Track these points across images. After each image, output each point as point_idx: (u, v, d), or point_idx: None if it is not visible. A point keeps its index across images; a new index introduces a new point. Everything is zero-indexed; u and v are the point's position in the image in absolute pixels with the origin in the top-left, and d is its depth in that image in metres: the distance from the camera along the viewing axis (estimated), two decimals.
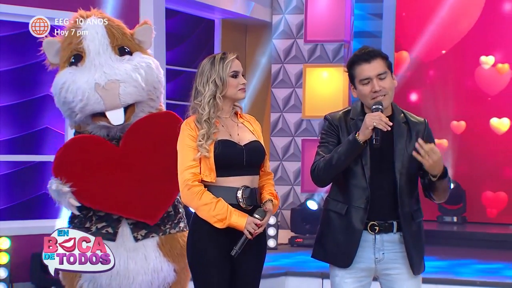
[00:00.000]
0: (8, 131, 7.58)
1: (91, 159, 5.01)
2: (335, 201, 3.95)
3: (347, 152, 3.79)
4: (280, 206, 10.21)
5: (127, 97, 4.96)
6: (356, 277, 3.92)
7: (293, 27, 10.44)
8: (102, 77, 4.95)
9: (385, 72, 3.87)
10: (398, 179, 3.86)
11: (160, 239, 5.02)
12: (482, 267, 8.36)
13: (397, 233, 3.91)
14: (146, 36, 5.32)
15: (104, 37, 5.11)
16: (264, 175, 4.16)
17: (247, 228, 3.94)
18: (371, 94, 3.86)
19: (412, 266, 3.92)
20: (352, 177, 3.88)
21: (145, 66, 5.10)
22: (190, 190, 3.97)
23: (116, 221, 5.01)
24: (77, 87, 4.95)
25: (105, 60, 5.03)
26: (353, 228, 3.87)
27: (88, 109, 4.95)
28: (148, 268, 4.98)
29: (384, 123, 3.72)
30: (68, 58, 5.11)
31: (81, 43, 5.08)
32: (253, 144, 4.10)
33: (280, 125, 10.45)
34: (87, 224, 5.00)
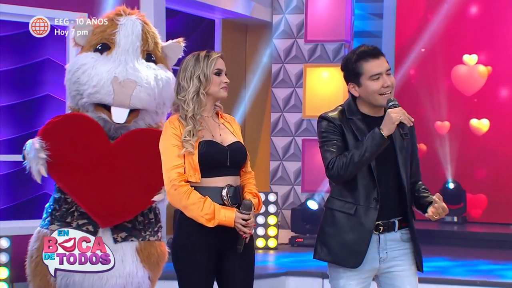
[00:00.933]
0: (8, 131, 7.57)
1: (81, 140, 4.98)
2: (342, 201, 3.92)
3: (372, 148, 3.76)
4: (281, 206, 10.21)
5: (137, 101, 4.95)
6: (361, 278, 3.91)
7: (293, 27, 10.44)
8: (123, 72, 4.96)
9: (390, 69, 3.91)
10: (403, 176, 3.88)
11: (139, 244, 4.98)
12: (482, 267, 8.36)
13: (398, 232, 3.92)
14: (175, 53, 5.34)
15: (138, 38, 5.11)
16: (244, 174, 4.16)
17: (237, 225, 3.94)
18: (380, 90, 3.85)
19: (418, 262, 3.95)
20: (360, 176, 3.86)
21: (165, 80, 5.10)
22: (177, 190, 3.95)
23: None
24: (95, 73, 4.95)
25: (131, 59, 5.04)
26: (364, 228, 3.85)
27: (96, 98, 4.95)
28: (124, 271, 4.92)
29: (408, 117, 3.75)
30: (96, 44, 5.10)
31: (114, 35, 5.08)
32: (236, 145, 4.10)
33: (281, 125, 10.44)
34: (68, 218, 4.97)
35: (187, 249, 3.99)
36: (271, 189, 10.20)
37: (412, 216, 3.95)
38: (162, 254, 5.11)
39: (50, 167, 4.88)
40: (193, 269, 3.98)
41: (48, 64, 7.55)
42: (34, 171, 4.88)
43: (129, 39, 5.08)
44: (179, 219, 4.05)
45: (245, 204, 3.98)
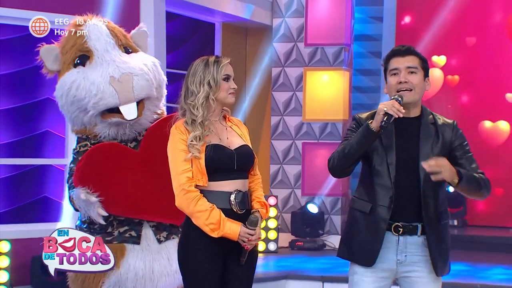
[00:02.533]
0: (8, 135, 7.58)
1: (114, 166, 4.99)
2: (361, 200, 3.95)
3: (359, 139, 3.80)
4: (281, 209, 10.20)
5: (140, 90, 4.98)
6: (377, 276, 3.91)
7: (293, 30, 10.44)
8: (116, 70, 4.97)
9: (416, 67, 3.90)
10: (423, 180, 3.85)
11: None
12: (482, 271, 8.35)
13: (421, 236, 3.91)
14: (143, 40, 5.38)
15: (109, 36, 5.14)
16: (251, 177, 4.15)
17: (241, 239, 3.95)
18: (396, 86, 3.87)
19: (435, 267, 3.93)
20: (377, 176, 3.88)
21: (152, 63, 5.15)
22: (186, 195, 3.95)
23: (138, 224, 5.01)
24: (90, 83, 4.94)
25: (115, 55, 5.05)
26: (377, 227, 3.86)
27: (102, 104, 4.94)
28: (171, 269, 5.00)
29: (395, 109, 3.72)
30: (73, 59, 5.09)
31: (86, 43, 5.08)
32: (243, 148, 4.09)
33: (281, 128, 10.45)
34: (108, 229, 4.98)
35: (193, 253, 4.00)
36: (271, 193, 10.20)
37: (435, 221, 3.93)
38: None
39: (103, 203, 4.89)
40: (198, 272, 3.99)
41: None
42: (95, 217, 4.87)
43: (102, 40, 5.10)
44: (185, 224, 4.06)
45: (251, 220, 3.97)
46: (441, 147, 3.90)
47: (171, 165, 4.04)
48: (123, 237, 4.97)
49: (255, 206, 4.07)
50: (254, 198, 4.11)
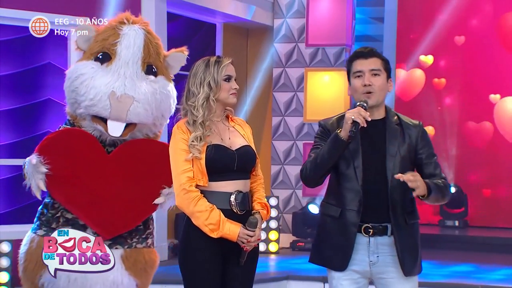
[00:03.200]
0: (9, 135, 7.58)
1: (79, 153, 4.97)
2: (330, 205, 3.98)
3: (329, 149, 3.83)
4: (282, 210, 10.20)
5: (134, 116, 4.93)
6: (352, 279, 3.94)
7: (294, 31, 10.44)
8: (121, 87, 4.91)
9: (379, 70, 3.94)
10: (390, 181, 3.87)
11: (124, 252, 4.93)
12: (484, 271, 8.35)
13: (392, 236, 3.92)
14: (178, 62, 5.28)
15: (139, 50, 5.04)
16: (253, 178, 4.15)
17: (240, 240, 3.94)
18: (361, 89, 3.92)
19: (403, 268, 3.91)
20: (345, 180, 3.91)
21: (164, 94, 5.06)
22: (186, 195, 3.95)
23: (82, 227, 4.91)
24: (92, 85, 4.92)
25: (130, 72, 4.98)
26: (347, 231, 3.89)
27: (93, 110, 4.93)
28: (108, 279, 4.87)
29: (362, 117, 3.75)
30: (97, 52, 5.05)
31: (115, 45, 5.02)
32: (244, 148, 4.08)
33: (282, 129, 10.44)
34: (53, 224, 4.94)
35: (192, 252, 4.00)
36: (272, 193, 10.20)
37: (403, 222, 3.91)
38: (151, 261, 5.06)
39: (48, 181, 4.87)
40: (197, 273, 3.99)
41: (49, 68, 7.55)
42: (33, 187, 4.86)
43: (130, 50, 5.03)
44: (185, 223, 4.06)
45: (250, 221, 3.97)
46: (407, 148, 3.93)
47: (172, 165, 4.04)
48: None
49: (256, 207, 4.07)
50: (255, 199, 4.10)
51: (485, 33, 11.46)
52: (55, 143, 4.97)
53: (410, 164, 3.94)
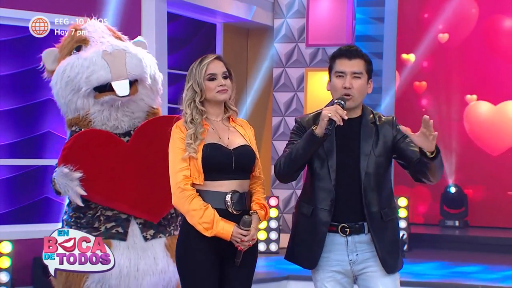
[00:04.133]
0: (9, 135, 7.58)
1: (100, 151, 5.01)
2: (303, 203, 4.00)
3: (304, 145, 3.81)
4: (282, 210, 10.20)
5: (133, 68, 5.00)
6: (336, 279, 3.95)
7: (294, 31, 10.44)
8: (109, 47, 5.02)
9: (360, 73, 3.93)
10: (363, 179, 3.87)
11: (167, 240, 5.03)
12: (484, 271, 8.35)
13: (369, 234, 3.92)
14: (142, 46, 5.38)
15: (106, 31, 5.18)
16: (253, 179, 4.14)
17: (233, 239, 3.94)
18: (341, 90, 3.91)
19: (384, 265, 3.91)
20: (318, 179, 3.91)
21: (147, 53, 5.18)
22: (182, 193, 3.96)
23: (125, 221, 5.00)
24: (83, 59, 5.00)
25: (109, 40, 5.10)
26: (318, 230, 3.90)
27: (94, 78, 4.96)
28: (157, 268, 4.98)
29: (339, 115, 3.73)
30: (69, 51, 5.13)
31: (82, 35, 5.13)
32: (243, 148, 4.07)
33: (282, 129, 10.45)
34: (95, 224, 4.97)
35: (189, 253, 4.00)
36: (273, 193, 10.20)
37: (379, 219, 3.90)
38: None
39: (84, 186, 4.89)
40: (196, 273, 3.99)
41: None
42: (72, 195, 4.88)
43: (98, 31, 5.16)
44: (183, 223, 4.06)
45: (244, 221, 3.95)
46: (383, 146, 3.93)
47: (169, 163, 4.05)
48: (110, 233, 4.95)
49: (253, 208, 4.06)
50: (254, 199, 4.09)
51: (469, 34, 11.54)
52: (75, 149, 4.99)
53: (386, 162, 3.93)
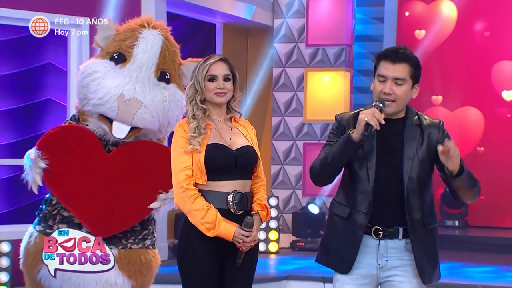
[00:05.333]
0: (9, 135, 7.58)
1: (78, 150, 4.99)
2: (340, 205, 3.84)
3: (340, 149, 3.69)
4: (282, 210, 10.20)
5: (140, 121, 4.94)
6: (357, 284, 3.80)
7: (294, 31, 10.44)
8: (130, 91, 4.91)
9: (403, 79, 3.72)
10: (406, 184, 3.73)
11: (119, 252, 4.93)
12: (483, 271, 8.35)
13: (403, 240, 3.77)
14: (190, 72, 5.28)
15: (155, 55, 5.03)
16: (255, 179, 4.13)
17: (235, 240, 3.93)
18: (380, 94, 3.72)
19: (423, 275, 3.76)
20: (356, 181, 3.77)
21: (173, 102, 5.05)
22: (184, 193, 3.95)
23: (77, 226, 4.93)
24: (103, 85, 4.92)
25: (142, 78, 4.97)
26: (354, 233, 3.76)
27: (100, 110, 4.94)
28: (101, 279, 4.87)
29: (376, 119, 3.59)
30: (113, 52, 5.05)
31: (132, 47, 5.01)
32: (245, 148, 4.07)
33: (282, 129, 10.44)
34: (50, 221, 4.97)
35: (191, 252, 4.00)
36: (272, 193, 10.19)
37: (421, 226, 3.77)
38: (148, 262, 5.03)
39: (46, 176, 4.90)
40: (197, 273, 3.98)
41: (49, 68, 7.55)
42: (30, 181, 4.90)
43: (146, 55, 5.01)
44: (184, 223, 4.05)
45: (246, 221, 3.95)
46: (426, 149, 3.77)
47: (172, 162, 4.04)
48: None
49: (255, 208, 4.05)
50: (255, 200, 4.08)
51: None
52: (54, 138, 5.00)
53: (429, 166, 3.78)
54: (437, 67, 11.54)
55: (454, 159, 3.56)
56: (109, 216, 4.92)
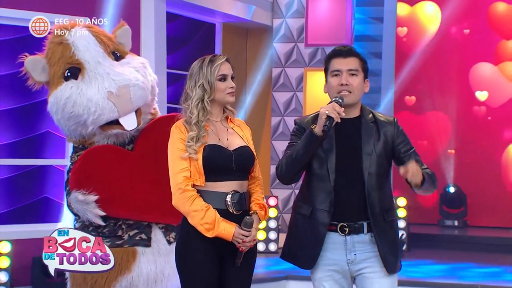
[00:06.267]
0: (9, 135, 7.58)
1: (109, 166, 4.99)
2: (301, 204, 4.00)
3: (304, 145, 3.83)
4: (281, 209, 10.20)
5: (138, 100, 4.97)
6: (334, 279, 3.96)
7: (293, 31, 10.44)
8: (112, 84, 4.93)
9: (357, 70, 3.95)
10: (366, 179, 3.88)
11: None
12: (483, 271, 8.35)
13: (368, 234, 3.92)
14: (126, 37, 5.30)
15: (96, 45, 5.05)
16: (252, 179, 4.15)
17: (235, 240, 3.95)
18: (337, 87, 3.93)
19: (386, 265, 3.92)
20: (317, 180, 3.91)
21: (142, 67, 5.11)
22: (182, 194, 3.96)
23: (147, 227, 5.01)
24: (87, 100, 4.89)
25: (108, 67, 4.99)
26: (317, 231, 3.90)
27: (103, 119, 4.92)
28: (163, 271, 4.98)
29: (336, 112, 3.76)
30: (63, 72, 5.01)
31: (75, 55, 5.00)
32: (242, 149, 4.08)
33: (281, 129, 10.45)
34: (118, 232, 4.98)
35: (189, 253, 4.01)
36: (272, 193, 10.20)
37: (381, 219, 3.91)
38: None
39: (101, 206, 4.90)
40: (196, 273, 3.99)
41: None
42: (92, 217, 4.89)
43: (91, 50, 5.02)
44: (183, 224, 4.06)
45: (246, 221, 3.97)
46: (383, 145, 3.93)
47: (169, 164, 4.05)
48: (134, 240, 4.96)
49: (253, 208, 4.07)
50: (253, 200, 4.10)
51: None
52: (83, 171, 4.98)
53: (386, 162, 3.95)
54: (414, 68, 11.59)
55: (415, 176, 3.74)
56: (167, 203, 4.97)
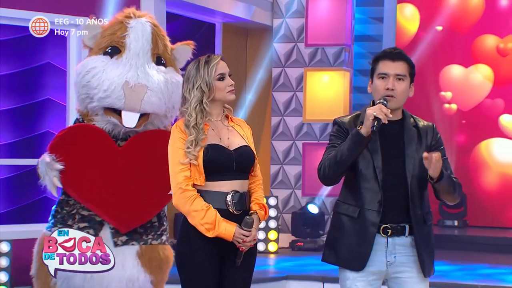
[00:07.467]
0: (8, 135, 7.58)
1: (90, 149, 5.00)
2: (347, 204, 3.96)
3: (350, 146, 3.81)
4: (281, 209, 10.21)
5: (148, 105, 4.96)
6: (368, 280, 3.92)
7: (294, 31, 10.44)
8: (134, 77, 4.96)
9: (404, 75, 3.91)
10: (410, 182, 3.88)
11: (140, 248, 4.96)
12: (483, 271, 8.36)
13: (409, 237, 3.92)
14: (184, 56, 5.32)
15: (148, 42, 5.08)
16: (252, 178, 4.14)
17: (235, 240, 3.94)
18: (383, 91, 3.89)
19: (423, 268, 3.92)
20: (364, 180, 3.90)
21: (175, 84, 5.09)
22: (183, 194, 3.96)
23: (98, 224, 4.97)
24: (106, 77, 4.94)
25: (142, 63, 5.03)
26: (367, 231, 3.88)
27: (107, 102, 4.94)
28: (124, 276, 4.90)
29: (383, 113, 3.75)
30: (106, 46, 5.08)
31: (124, 38, 5.06)
32: (243, 149, 4.08)
33: (281, 129, 10.45)
34: (69, 221, 4.98)
35: (189, 253, 4.00)
36: (272, 193, 10.20)
37: (422, 222, 3.92)
38: (166, 258, 5.09)
39: (63, 178, 4.91)
40: (196, 273, 3.99)
41: (49, 68, 7.55)
42: (48, 185, 4.91)
43: (140, 42, 5.06)
44: (182, 223, 4.05)
45: (246, 221, 3.97)
46: (424, 150, 3.91)
47: (169, 163, 4.05)
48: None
49: (253, 208, 4.07)
50: (253, 199, 4.10)
51: None
52: (66, 140, 5.00)
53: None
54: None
55: (435, 167, 3.75)
56: (129, 209, 4.95)
